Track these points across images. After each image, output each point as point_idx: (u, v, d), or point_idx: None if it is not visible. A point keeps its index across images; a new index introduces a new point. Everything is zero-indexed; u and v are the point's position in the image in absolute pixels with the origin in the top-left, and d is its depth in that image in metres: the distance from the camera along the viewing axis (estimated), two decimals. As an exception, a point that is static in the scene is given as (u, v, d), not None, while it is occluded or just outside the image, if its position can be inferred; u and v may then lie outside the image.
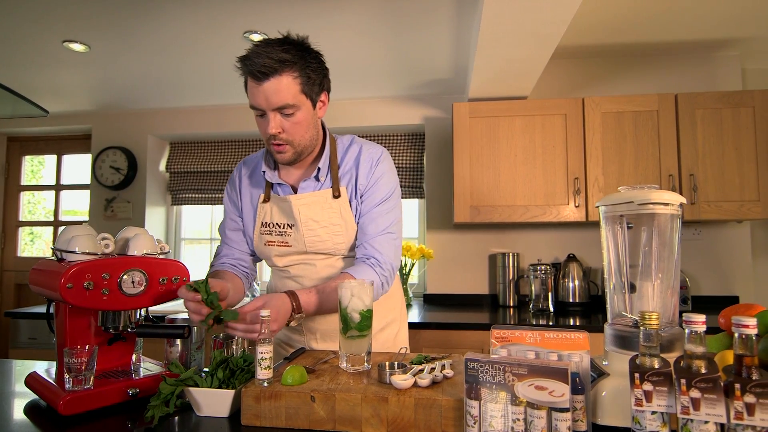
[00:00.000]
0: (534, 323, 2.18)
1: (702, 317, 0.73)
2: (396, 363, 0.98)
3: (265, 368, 0.92)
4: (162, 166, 3.36)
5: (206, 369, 1.00)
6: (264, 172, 1.26)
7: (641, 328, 0.78)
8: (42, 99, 3.00)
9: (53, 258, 1.07)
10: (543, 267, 2.45)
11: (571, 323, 2.15)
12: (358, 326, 1.03)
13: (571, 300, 2.45)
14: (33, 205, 3.62)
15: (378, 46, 2.22)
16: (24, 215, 3.61)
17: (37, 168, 3.67)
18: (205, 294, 0.98)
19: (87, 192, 3.37)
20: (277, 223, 1.26)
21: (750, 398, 0.68)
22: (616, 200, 0.90)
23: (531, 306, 2.46)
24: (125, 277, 1.03)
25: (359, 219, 1.25)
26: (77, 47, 2.16)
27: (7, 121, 3.40)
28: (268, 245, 1.27)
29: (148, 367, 1.15)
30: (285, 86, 1.08)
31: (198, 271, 3.38)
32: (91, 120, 3.30)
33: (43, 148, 3.61)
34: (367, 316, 1.04)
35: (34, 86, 2.76)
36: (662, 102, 2.25)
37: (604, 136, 2.29)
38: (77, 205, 3.55)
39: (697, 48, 2.51)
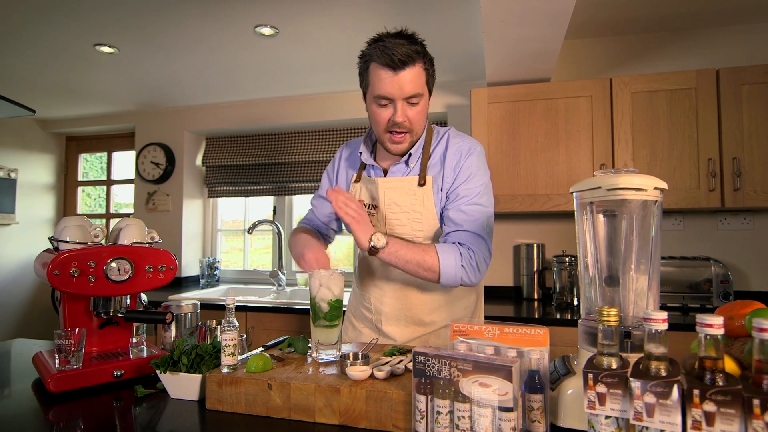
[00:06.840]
0: (558, 317, 2.08)
1: (663, 314, 0.66)
2: (360, 354, 0.97)
3: (229, 355, 0.94)
4: (198, 161, 3.52)
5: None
6: (360, 153, 1.31)
7: (599, 325, 0.72)
8: (92, 101, 3.23)
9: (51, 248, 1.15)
10: (568, 258, 2.33)
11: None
12: (326, 316, 1.03)
13: (599, 294, 2.31)
14: (102, 199, 3.92)
15: (390, 33, 2.17)
16: (93, 208, 3.94)
17: (106, 165, 3.96)
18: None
19: (133, 186, 3.60)
20: (363, 204, 1.29)
21: (710, 406, 0.61)
22: (585, 186, 0.83)
23: (554, 299, 2.35)
24: (113, 264, 1.09)
25: (448, 213, 1.22)
26: (107, 50, 2.30)
27: (65, 122, 3.70)
28: None
29: (144, 350, 1.22)
30: (417, 75, 1.14)
31: (234, 258, 3.54)
32: (133, 119, 3.51)
33: (96, 146, 3.91)
34: (335, 306, 1.04)
35: (80, 90, 2.97)
36: (701, 78, 2.04)
37: (634, 118, 2.11)
38: (129, 199, 3.80)
39: (740, 17, 2.25)
